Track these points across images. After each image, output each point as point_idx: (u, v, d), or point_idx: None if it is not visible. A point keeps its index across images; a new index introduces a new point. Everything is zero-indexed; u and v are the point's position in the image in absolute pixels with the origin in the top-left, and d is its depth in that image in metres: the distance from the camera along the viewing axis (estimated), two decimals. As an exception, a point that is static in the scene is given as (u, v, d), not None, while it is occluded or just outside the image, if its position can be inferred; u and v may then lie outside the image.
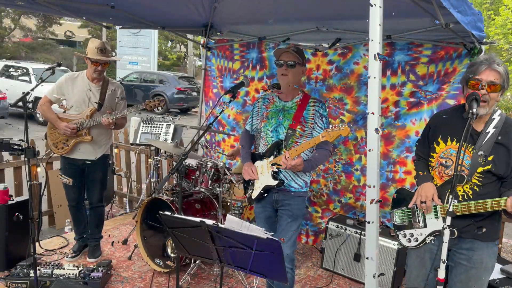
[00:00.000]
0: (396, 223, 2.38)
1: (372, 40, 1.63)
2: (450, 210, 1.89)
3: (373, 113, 1.67)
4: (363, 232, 3.47)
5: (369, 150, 1.69)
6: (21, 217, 3.45)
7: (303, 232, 4.32)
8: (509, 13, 15.77)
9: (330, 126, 2.36)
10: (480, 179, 2.06)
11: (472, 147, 2.07)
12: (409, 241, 2.30)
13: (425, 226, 2.24)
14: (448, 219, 1.89)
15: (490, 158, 2.03)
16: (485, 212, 2.02)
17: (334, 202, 4.12)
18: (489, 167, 2.03)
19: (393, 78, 3.59)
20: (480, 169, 2.04)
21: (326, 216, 4.07)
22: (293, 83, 2.64)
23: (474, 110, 1.90)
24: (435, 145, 2.24)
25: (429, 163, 2.29)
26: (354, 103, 3.83)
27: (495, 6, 18.78)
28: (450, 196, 1.90)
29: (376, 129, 1.66)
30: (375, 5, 1.60)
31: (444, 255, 1.90)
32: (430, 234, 2.22)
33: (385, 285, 3.36)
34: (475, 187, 2.08)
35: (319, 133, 2.57)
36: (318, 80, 4.00)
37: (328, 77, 3.93)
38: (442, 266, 1.92)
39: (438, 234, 2.19)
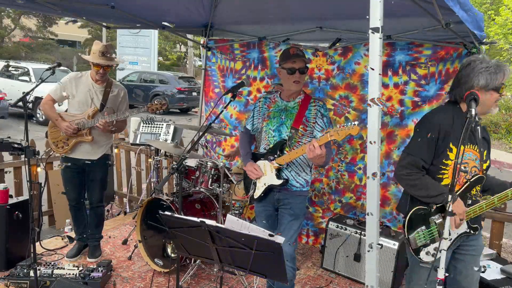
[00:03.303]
0: (418, 245, 2.19)
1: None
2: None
3: (371, 104, 1.64)
4: (363, 232, 3.47)
5: (370, 143, 1.66)
6: (20, 215, 3.45)
7: (304, 232, 4.32)
8: (509, 13, 15.76)
9: (338, 125, 2.33)
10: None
11: (476, 146, 2.09)
12: (434, 255, 2.16)
13: (449, 234, 2.18)
14: (447, 223, 1.88)
15: (485, 153, 2.11)
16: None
17: (335, 202, 4.11)
18: (488, 162, 2.11)
19: (395, 77, 3.60)
20: (485, 165, 2.06)
21: (327, 216, 4.07)
22: (302, 86, 2.69)
23: (473, 111, 1.89)
24: (448, 152, 2.11)
25: (443, 171, 2.14)
26: (359, 101, 3.83)
27: (495, 6, 18.78)
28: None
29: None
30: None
31: (442, 263, 1.90)
32: (456, 238, 2.20)
33: (385, 285, 3.36)
34: (480, 185, 2.13)
35: (319, 132, 2.57)
36: (321, 79, 4.01)
37: (331, 77, 3.94)
38: (442, 267, 1.91)
39: (464, 234, 2.21)
